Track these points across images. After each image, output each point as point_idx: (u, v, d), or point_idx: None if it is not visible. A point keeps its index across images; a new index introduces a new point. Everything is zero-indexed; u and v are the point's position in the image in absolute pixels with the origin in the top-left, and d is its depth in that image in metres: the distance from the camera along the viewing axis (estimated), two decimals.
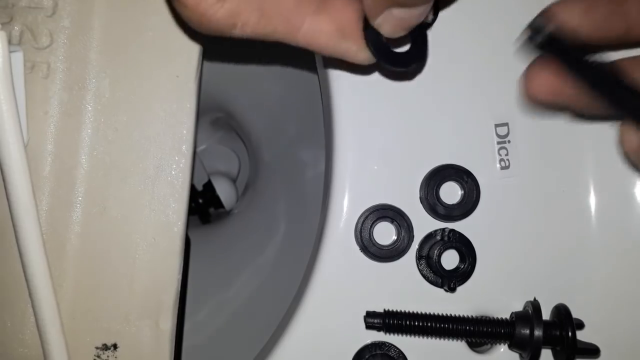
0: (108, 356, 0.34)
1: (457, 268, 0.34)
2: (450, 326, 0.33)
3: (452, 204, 0.34)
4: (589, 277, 0.35)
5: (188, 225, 0.35)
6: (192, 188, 0.45)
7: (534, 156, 0.35)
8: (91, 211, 0.34)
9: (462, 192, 0.34)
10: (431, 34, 0.30)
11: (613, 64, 0.27)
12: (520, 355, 0.34)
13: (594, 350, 0.33)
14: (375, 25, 0.27)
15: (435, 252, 0.33)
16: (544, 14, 0.27)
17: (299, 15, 0.26)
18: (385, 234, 0.34)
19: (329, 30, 0.27)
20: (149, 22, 0.34)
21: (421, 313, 0.33)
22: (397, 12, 0.26)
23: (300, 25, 0.27)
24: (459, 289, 0.34)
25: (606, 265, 0.34)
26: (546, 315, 0.33)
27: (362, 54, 0.28)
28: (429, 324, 0.33)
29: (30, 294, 0.32)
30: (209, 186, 0.70)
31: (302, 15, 0.26)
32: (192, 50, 0.34)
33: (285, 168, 0.63)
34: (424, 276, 0.34)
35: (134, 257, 0.34)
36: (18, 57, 0.32)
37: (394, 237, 0.34)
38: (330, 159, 0.35)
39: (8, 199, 0.31)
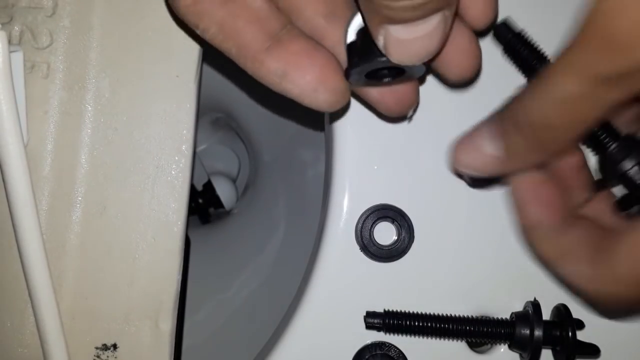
0: (108, 356, 0.34)
1: None
2: (450, 326, 0.33)
3: None
4: None
5: (188, 225, 0.35)
6: (192, 188, 0.45)
7: None
8: (91, 211, 0.34)
9: None
10: None
11: None
12: (521, 356, 0.34)
13: (594, 350, 0.33)
14: (380, 46, 0.24)
15: None
16: None
17: (256, 45, 0.26)
18: (385, 234, 0.34)
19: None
20: (149, 22, 0.34)
21: (421, 313, 0.33)
22: (395, 31, 0.22)
23: (255, 56, 0.26)
24: (459, 289, 0.34)
25: None
26: (546, 315, 0.33)
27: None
28: (429, 324, 0.33)
29: (29, 294, 0.32)
30: (209, 186, 0.70)
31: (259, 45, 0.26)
32: (192, 50, 0.34)
33: (285, 168, 0.63)
34: None
35: (134, 257, 0.34)
36: (18, 57, 0.32)
37: (395, 238, 0.34)
38: (330, 159, 0.35)
39: (8, 199, 0.31)
